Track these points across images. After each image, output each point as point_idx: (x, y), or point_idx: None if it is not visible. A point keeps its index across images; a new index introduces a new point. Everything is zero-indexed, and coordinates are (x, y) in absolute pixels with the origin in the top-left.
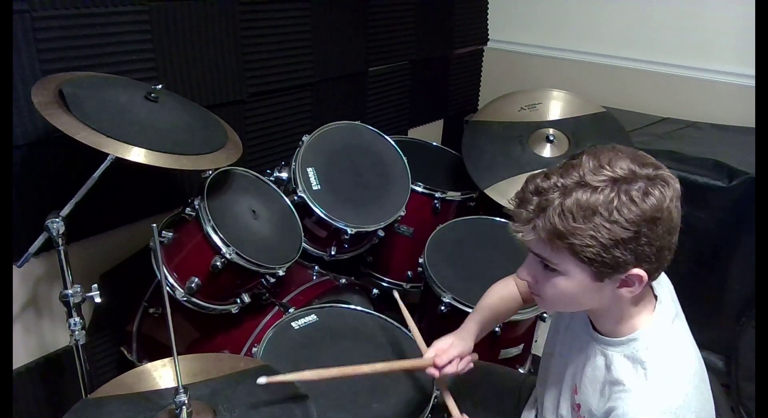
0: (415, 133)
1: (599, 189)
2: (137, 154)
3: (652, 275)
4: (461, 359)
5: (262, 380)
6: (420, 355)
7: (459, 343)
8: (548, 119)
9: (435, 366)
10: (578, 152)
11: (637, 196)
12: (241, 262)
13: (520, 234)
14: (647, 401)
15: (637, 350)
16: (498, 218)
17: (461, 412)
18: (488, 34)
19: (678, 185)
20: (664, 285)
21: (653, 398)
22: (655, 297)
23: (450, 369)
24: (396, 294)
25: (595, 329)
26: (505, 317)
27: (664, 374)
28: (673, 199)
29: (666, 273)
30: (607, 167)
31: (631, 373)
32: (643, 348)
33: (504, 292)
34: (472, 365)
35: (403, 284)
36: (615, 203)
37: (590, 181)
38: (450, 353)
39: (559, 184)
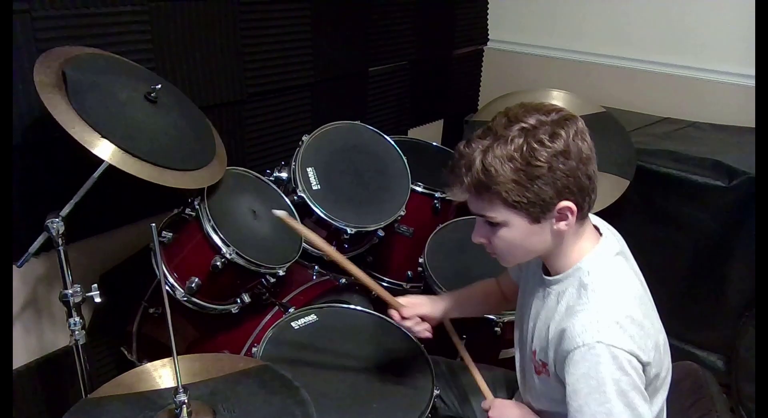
0: (415, 133)
1: (511, 139)
2: (123, 162)
3: (582, 205)
4: (423, 321)
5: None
6: None
7: (428, 304)
8: None
9: (400, 314)
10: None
11: (546, 139)
12: (241, 262)
13: (455, 197)
14: (592, 316)
15: (581, 276)
16: None
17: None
18: (488, 34)
19: (581, 123)
20: (613, 232)
21: (597, 312)
22: (600, 235)
23: (408, 324)
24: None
25: (546, 274)
26: (483, 309)
27: (605, 292)
28: (578, 133)
29: (666, 273)
30: (516, 121)
31: (577, 297)
32: (586, 274)
33: (486, 286)
34: (429, 335)
35: (403, 284)
36: (526, 148)
37: (503, 134)
38: (416, 309)
39: (480, 146)
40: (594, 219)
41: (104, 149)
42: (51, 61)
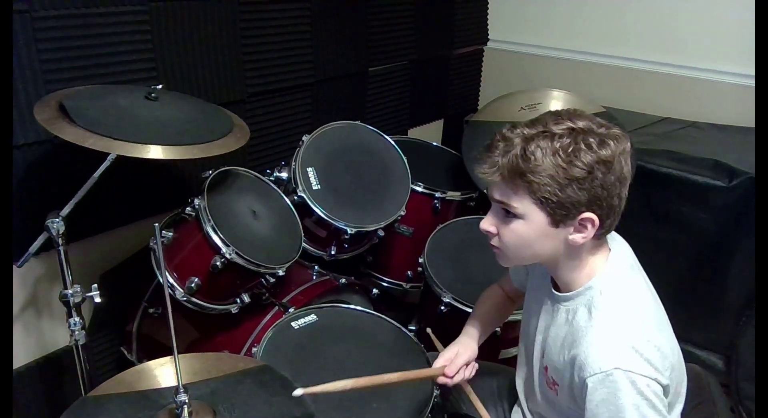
0: (415, 133)
1: (559, 136)
2: (148, 152)
3: (604, 223)
4: (467, 365)
5: (298, 392)
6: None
7: (464, 350)
8: None
9: (445, 376)
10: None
11: (594, 144)
12: (241, 262)
13: (486, 175)
14: (603, 341)
15: (593, 296)
16: None
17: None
18: (488, 34)
19: (629, 145)
20: (619, 242)
21: (608, 337)
22: (609, 250)
23: (459, 378)
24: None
25: (556, 289)
26: (500, 320)
27: (616, 314)
28: (624, 153)
29: (666, 273)
30: (568, 120)
31: (587, 318)
32: (598, 293)
33: (493, 296)
34: (477, 366)
35: (403, 284)
36: (572, 148)
37: (551, 129)
38: (457, 362)
39: (524, 133)
40: None
41: (123, 148)
42: (48, 101)
